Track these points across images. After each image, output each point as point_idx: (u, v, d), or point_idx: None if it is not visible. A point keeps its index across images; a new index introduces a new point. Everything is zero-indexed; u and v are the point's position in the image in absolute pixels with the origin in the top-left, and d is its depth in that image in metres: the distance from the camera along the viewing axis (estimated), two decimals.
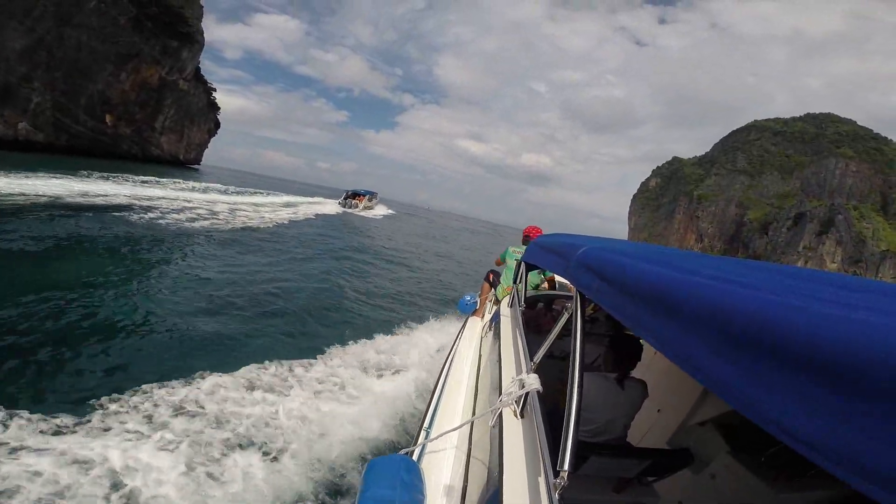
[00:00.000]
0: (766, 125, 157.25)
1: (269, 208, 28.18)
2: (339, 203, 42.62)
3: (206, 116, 74.62)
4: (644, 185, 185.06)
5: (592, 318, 3.47)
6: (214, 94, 75.84)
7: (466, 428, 2.54)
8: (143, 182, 27.82)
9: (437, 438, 2.52)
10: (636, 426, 2.65)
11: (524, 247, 5.47)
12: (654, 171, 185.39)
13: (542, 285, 5.61)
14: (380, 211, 49.75)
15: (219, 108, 78.48)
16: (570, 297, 2.25)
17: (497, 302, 5.37)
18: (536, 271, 4.95)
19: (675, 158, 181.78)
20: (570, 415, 1.55)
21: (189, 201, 22.35)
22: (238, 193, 35.12)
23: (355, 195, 44.48)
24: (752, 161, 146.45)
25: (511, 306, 3.92)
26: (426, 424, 3.00)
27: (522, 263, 4.08)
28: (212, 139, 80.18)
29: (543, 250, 3.15)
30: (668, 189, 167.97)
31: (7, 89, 38.75)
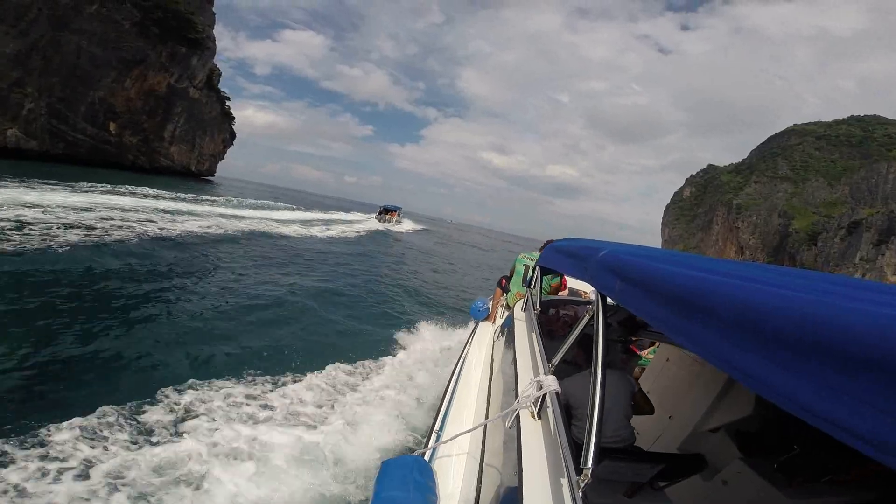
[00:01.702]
0: (808, 129, 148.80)
1: (337, 229, 29.87)
2: (376, 218, 46.57)
3: (220, 126, 72.90)
4: (677, 194, 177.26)
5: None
6: (228, 103, 74.20)
7: (479, 429, 2.54)
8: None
9: (450, 440, 2.52)
10: (647, 432, 2.73)
11: (537, 253, 5.56)
12: (687, 179, 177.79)
13: (549, 288, 5.46)
14: (408, 226, 50.88)
15: (233, 118, 76.85)
16: (584, 302, 2.45)
17: (509, 307, 5.26)
18: (547, 277, 4.71)
19: (710, 166, 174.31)
20: (592, 414, 1.59)
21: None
22: (288, 209, 38.74)
23: (387, 211, 48.86)
24: (794, 167, 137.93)
25: (525, 310, 3.94)
26: (437, 427, 3.00)
27: (538, 268, 4.07)
28: (229, 150, 78.60)
29: (560, 254, 3.15)
30: (703, 198, 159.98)
31: None
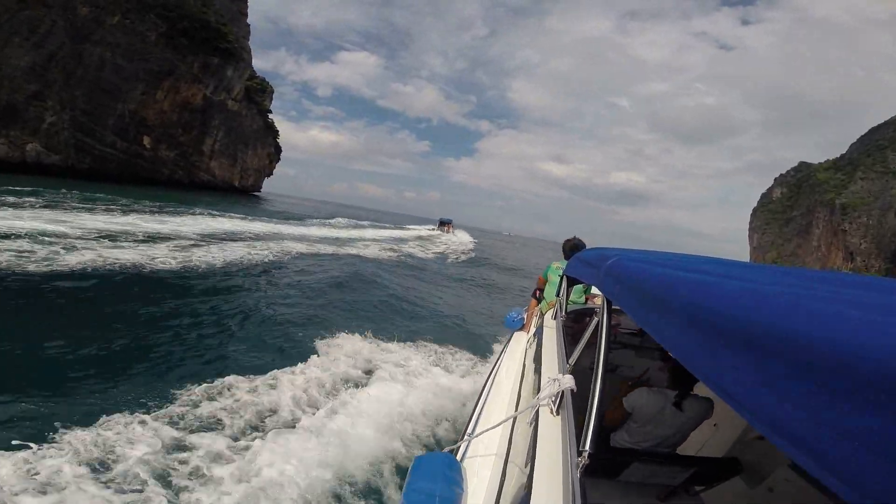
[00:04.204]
0: None
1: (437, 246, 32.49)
2: (437, 230, 52.53)
3: (264, 140, 71.92)
4: (765, 196, 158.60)
5: (642, 331, 3.74)
6: (271, 116, 73.22)
7: (507, 430, 2.63)
8: None
9: (478, 437, 2.66)
10: (692, 440, 2.72)
11: (566, 261, 5.88)
12: (776, 179, 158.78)
13: (583, 299, 5.58)
14: (463, 237, 51.22)
15: (277, 132, 75.84)
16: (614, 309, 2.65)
17: (542, 316, 5.33)
18: (580, 286, 5.02)
19: (801, 164, 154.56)
20: (592, 402, 1.71)
21: None
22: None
23: (443, 223, 55.64)
24: None
25: (554, 318, 4.11)
26: (469, 430, 3.13)
27: (564, 277, 4.19)
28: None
29: (582, 264, 3.26)
30: (797, 199, 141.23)
31: (12, 108, 36.00)
